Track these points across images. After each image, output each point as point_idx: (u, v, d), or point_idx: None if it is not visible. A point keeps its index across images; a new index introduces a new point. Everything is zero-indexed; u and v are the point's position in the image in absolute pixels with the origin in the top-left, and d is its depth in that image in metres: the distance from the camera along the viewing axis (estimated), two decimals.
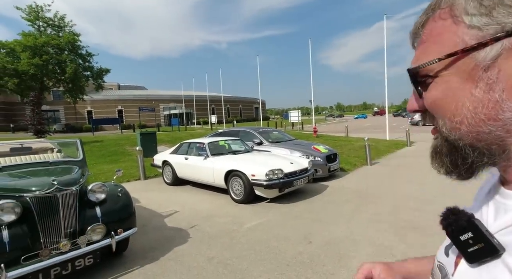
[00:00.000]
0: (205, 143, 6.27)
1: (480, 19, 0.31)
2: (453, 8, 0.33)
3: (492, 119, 0.31)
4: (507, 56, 0.30)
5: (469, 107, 0.33)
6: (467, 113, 0.33)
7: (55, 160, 3.67)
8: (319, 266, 2.92)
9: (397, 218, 4.11)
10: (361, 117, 65.24)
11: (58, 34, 22.23)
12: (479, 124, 0.32)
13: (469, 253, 0.36)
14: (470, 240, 0.36)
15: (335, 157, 7.16)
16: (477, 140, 0.33)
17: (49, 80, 22.31)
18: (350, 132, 18.85)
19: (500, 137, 0.32)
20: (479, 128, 0.32)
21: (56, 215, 2.54)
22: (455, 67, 0.33)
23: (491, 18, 0.30)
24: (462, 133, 0.34)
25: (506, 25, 0.29)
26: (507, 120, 0.31)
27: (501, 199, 0.36)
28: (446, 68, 0.34)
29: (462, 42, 0.32)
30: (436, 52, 0.35)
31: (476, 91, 0.32)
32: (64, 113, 42.27)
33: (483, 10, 0.31)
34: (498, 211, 0.36)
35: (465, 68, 0.32)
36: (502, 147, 0.32)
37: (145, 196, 5.94)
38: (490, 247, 0.33)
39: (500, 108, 0.31)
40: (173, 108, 47.09)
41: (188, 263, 3.09)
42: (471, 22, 0.31)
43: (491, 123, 0.32)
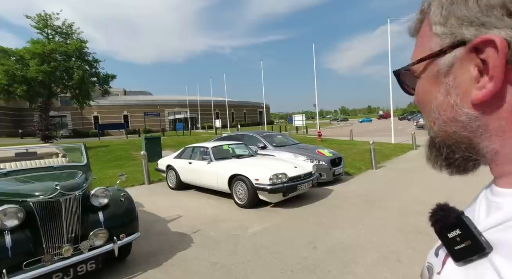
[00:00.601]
0: (208, 148, 6.27)
1: (440, 28, 0.33)
2: (428, 15, 0.36)
3: (453, 120, 0.34)
4: (460, 64, 0.32)
5: (435, 109, 0.36)
6: (435, 114, 0.36)
7: (60, 165, 3.70)
8: (324, 272, 2.86)
9: (404, 222, 4.02)
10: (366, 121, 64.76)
11: (66, 41, 22.71)
12: (444, 124, 0.35)
13: (455, 251, 0.35)
14: (457, 238, 0.35)
15: (339, 161, 7.08)
16: (446, 138, 0.36)
17: (56, 86, 22.73)
18: (355, 136, 18.71)
19: (466, 137, 0.34)
20: (445, 127, 0.35)
21: (58, 220, 2.54)
22: (427, 71, 0.36)
23: (447, 28, 0.32)
24: (436, 131, 0.37)
25: (458, 35, 0.31)
26: (465, 122, 0.33)
27: (492, 196, 0.36)
28: (423, 71, 0.37)
29: (430, 48, 0.35)
30: (417, 55, 0.38)
31: (438, 94, 0.35)
32: (71, 119, 42.89)
33: (442, 20, 0.33)
34: (489, 208, 0.35)
35: (432, 73, 0.35)
36: (471, 145, 0.34)
37: (149, 200, 5.94)
38: (477, 245, 0.32)
39: (455, 111, 0.33)
40: (178, 113, 47.41)
41: (191, 268, 3.05)
42: (435, 30, 0.34)
43: (453, 124, 0.34)
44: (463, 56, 0.31)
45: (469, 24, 0.30)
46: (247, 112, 61.61)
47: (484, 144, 0.33)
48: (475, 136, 0.33)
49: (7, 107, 34.19)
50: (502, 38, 0.28)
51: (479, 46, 0.30)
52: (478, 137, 0.33)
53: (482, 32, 0.29)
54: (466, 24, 0.31)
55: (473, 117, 0.32)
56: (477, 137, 0.33)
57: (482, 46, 0.29)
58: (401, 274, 2.74)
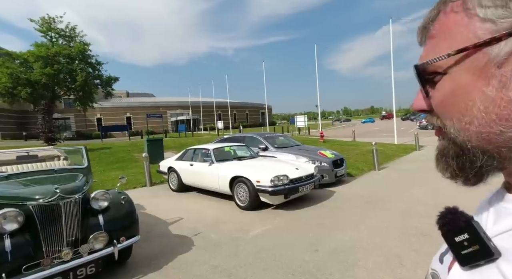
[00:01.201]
0: (210, 149, 6.26)
1: (495, 12, 0.29)
2: (466, 0, 0.31)
3: (504, 119, 0.29)
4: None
5: (479, 106, 0.31)
6: (477, 113, 0.31)
7: (60, 168, 3.70)
8: (326, 275, 2.82)
9: (407, 224, 3.97)
10: (369, 121, 64.52)
11: (69, 44, 22.88)
12: (490, 124, 0.30)
13: (462, 255, 0.34)
14: (465, 242, 0.34)
15: (341, 162, 7.04)
16: (487, 142, 0.31)
17: (60, 89, 22.89)
18: (358, 136, 18.62)
19: (511, 139, 0.30)
20: (489, 128, 0.30)
21: (58, 224, 2.53)
22: (466, 64, 0.31)
23: (507, 11, 0.28)
24: (471, 134, 0.32)
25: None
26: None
27: (504, 203, 0.35)
28: (456, 64, 0.32)
29: (474, 37, 0.30)
30: (446, 47, 0.33)
31: (488, 89, 0.30)
32: (74, 121, 43.19)
33: (498, 1, 0.29)
34: (499, 215, 0.35)
35: (477, 64, 0.30)
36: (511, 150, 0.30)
37: (151, 202, 5.94)
38: (485, 250, 0.32)
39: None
40: (180, 114, 47.55)
41: (192, 271, 3.03)
42: (485, 15, 0.29)
43: (503, 123, 0.29)
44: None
45: None
46: (249, 113, 61.62)
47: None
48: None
49: (11, 109, 34.51)
50: None
51: None
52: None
53: None
54: None
55: None
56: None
57: None
58: (404, 277, 2.70)
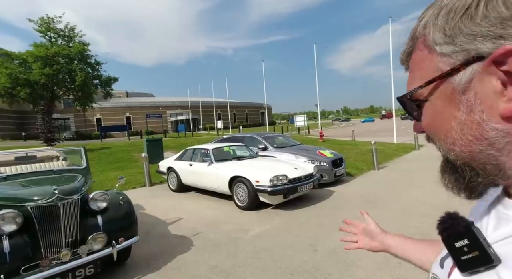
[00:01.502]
0: (209, 149, 6.26)
1: (447, 47, 0.32)
2: (426, 38, 0.35)
3: (479, 139, 0.32)
4: (479, 78, 0.31)
5: (456, 129, 0.34)
6: (456, 135, 0.34)
7: (59, 169, 3.70)
8: (325, 275, 2.83)
9: (406, 224, 3.97)
10: (368, 121, 64.55)
11: (68, 44, 22.85)
12: (469, 144, 0.33)
13: (462, 261, 0.35)
14: (465, 248, 0.35)
15: (341, 162, 7.04)
16: (471, 159, 0.34)
17: (59, 89, 22.87)
18: (357, 136, 18.63)
19: (493, 156, 0.32)
20: (470, 148, 0.33)
21: (57, 225, 2.53)
22: (437, 92, 0.35)
23: (457, 46, 0.32)
24: (457, 153, 0.35)
25: (471, 51, 0.31)
26: (493, 139, 0.31)
27: (504, 210, 0.35)
28: (431, 93, 0.36)
29: (438, 69, 0.34)
30: (419, 79, 0.37)
31: (459, 113, 0.33)
32: (74, 121, 43.16)
33: (447, 39, 0.32)
34: (500, 221, 0.35)
35: (445, 93, 0.34)
36: (497, 166, 0.32)
37: (150, 202, 5.94)
38: (485, 257, 0.32)
39: (483, 128, 0.31)
40: (180, 114, 47.54)
41: (191, 272, 3.04)
42: (441, 50, 0.33)
43: (479, 143, 0.32)
44: (482, 70, 0.30)
45: (483, 38, 0.30)
46: (249, 113, 61.61)
47: (511, 163, 0.31)
48: (501, 155, 0.31)
49: (10, 110, 34.47)
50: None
51: (500, 58, 0.29)
52: (505, 155, 0.31)
53: (500, 44, 0.29)
54: (479, 39, 0.30)
55: (502, 133, 0.30)
56: (504, 155, 0.31)
57: (503, 58, 0.29)
58: (402, 277, 2.70)
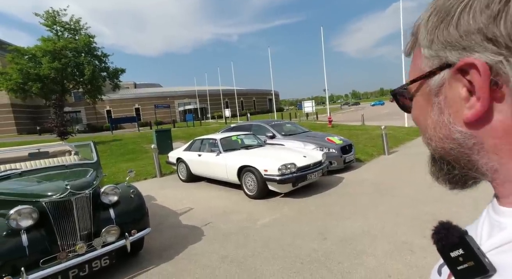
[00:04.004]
0: (217, 139, 6.27)
1: (427, 51, 0.34)
2: (418, 37, 0.37)
3: (448, 138, 0.34)
4: (449, 84, 0.33)
5: (431, 126, 0.37)
6: (431, 132, 0.37)
7: (71, 164, 3.79)
8: (334, 264, 2.84)
9: (417, 210, 3.92)
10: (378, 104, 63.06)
11: (75, 37, 22.93)
12: (442, 141, 0.36)
13: (458, 271, 0.35)
14: (460, 258, 0.35)
15: (350, 148, 6.94)
16: (445, 154, 0.37)
17: (69, 82, 23.21)
18: (367, 120, 18.28)
19: (464, 153, 0.34)
20: (443, 144, 0.36)
21: (71, 218, 2.61)
22: (420, 91, 0.37)
23: (433, 51, 0.34)
24: (433, 147, 0.38)
25: (443, 58, 0.33)
26: (460, 140, 0.33)
27: (495, 215, 0.36)
28: (417, 90, 0.38)
29: (420, 69, 0.36)
30: (412, 75, 0.39)
31: (432, 113, 0.36)
32: (85, 114, 43.97)
33: (427, 43, 0.34)
34: (492, 228, 0.35)
35: (424, 92, 0.36)
36: (471, 162, 0.34)
37: (161, 193, 6.07)
38: (480, 267, 0.32)
39: (449, 130, 0.34)
40: (188, 103, 47.59)
41: (202, 262, 3.11)
42: (424, 52, 0.35)
43: (449, 141, 0.35)
44: (451, 77, 0.32)
45: (451, 48, 0.32)
46: (256, 100, 61.11)
47: (483, 161, 0.33)
48: (472, 153, 0.33)
49: (24, 105, 35.39)
50: (483, 62, 0.29)
51: (464, 68, 0.30)
52: (476, 154, 0.33)
53: (464, 56, 0.31)
54: (449, 48, 0.32)
55: (467, 135, 0.33)
56: (475, 154, 0.33)
57: (466, 68, 0.30)
58: (414, 265, 2.68)
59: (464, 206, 3.71)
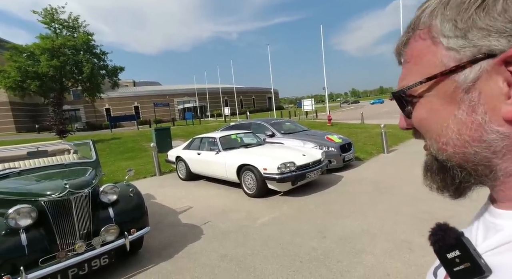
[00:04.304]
0: (216, 138, 6.26)
1: (457, 41, 0.30)
2: (431, 29, 0.33)
3: (477, 140, 0.31)
4: (486, 78, 0.29)
5: (453, 128, 0.33)
6: (452, 135, 0.33)
7: (70, 162, 3.78)
8: (334, 263, 2.84)
9: (416, 209, 3.93)
10: (378, 102, 63.04)
11: (73, 35, 22.82)
12: (465, 145, 0.32)
13: (454, 272, 0.35)
14: (456, 259, 0.35)
15: (349, 147, 6.94)
16: (464, 160, 0.33)
17: (67, 80, 23.12)
18: (366, 118, 18.28)
19: (486, 158, 0.31)
20: (465, 149, 0.32)
21: (70, 218, 2.61)
22: (437, 89, 0.33)
23: (467, 41, 0.30)
24: (449, 154, 0.34)
25: (482, 47, 0.29)
26: (492, 142, 0.30)
27: (491, 217, 0.35)
28: (429, 90, 0.34)
29: (441, 64, 0.32)
30: (418, 73, 0.35)
31: (459, 113, 0.32)
32: (84, 112, 43.87)
33: (458, 32, 0.30)
34: (488, 230, 0.35)
35: (446, 90, 0.32)
36: (489, 168, 0.32)
37: (161, 192, 6.07)
38: (476, 268, 0.32)
39: (483, 130, 0.30)
40: (187, 102, 47.51)
41: (201, 260, 3.11)
42: (448, 44, 0.31)
43: (476, 144, 0.31)
44: (491, 69, 0.29)
45: (498, 35, 0.28)
46: (256, 98, 61.06)
47: (503, 165, 0.31)
48: (496, 157, 0.31)
49: (23, 103, 35.24)
50: None
51: (511, 58, 0.27)
52: (499, 158, 0.30)
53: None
54: (494, 35, 0.28)
55: (503, 136, 0.29)
56: (499, 158, 0.30)
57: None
58: (412, 264, 2.69)
59: (463, 205, 3.70)
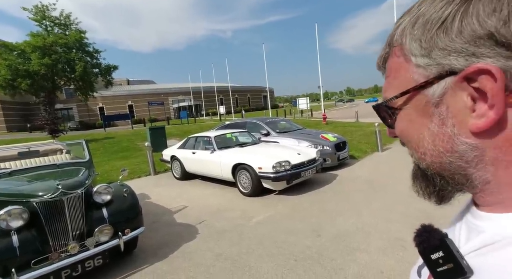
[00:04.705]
0: (211, 137, 6.24)
1: (423, 60, 0.32)
2: (403, 47, 0.35)
3: (449, 151, 0.33)
4: (451, 93, 0.31)
5: (428, 140, 0.35)
6: (428, 146, 0.35)
7: (63, 162, 3.72)
8: (328, 261, 2.87)
9: (410, 207, 3.97)
10: (372, 101, 63.45)
11: (65, 32, 22.42)
12: (440, 155, 0.34)
13: (438, 272, 0.36)
14: (440, 260, 0.36)
15: (344, 145, 6.99)
16: (441, 169, 0.35)
17: (59, 79, 22.74)
18: (361, 117, 18.42)
19: (461, 167, 0.33)
20: (440, 159, 0.34)
21: (63, 219, 2.58)
22: (412, 103, 0.35)
23: (431, 59, 0.32)
24: (428, 163, 0.36)
25: (445, 66, 0.31)
26: (463, 152, 0.32)
27: (473, 219, 0.37)
28: (406, 103, 0.36)
29: (413, 80, 0.34)
30: (396, 87, 0.37)
31: (431, 125, 0.34)
32: (77, 111, 43.28)
33: (423, 51, 0.32)
34: (471, 231, 0.36)
35: (419, 104, 0.34)
36: (465, 176, 0.33)
37: (156, 191, 6.03)
38: (459, 269, 0.33)
39: (453, 142, 0.32)
40: (182, 100, 47.26)
41: (197, 260, 3.11)
42: (417, 61, 0.33)
43: (450, 155, 0.33)
44: (454, 86, 0.31)
45: (456, 54, 0.30)
46: (251, 97, 60.99)
47: (477, 174, 0.32)
48: (469, 166, 0.32)
49: (14, 102, 34.64)
50: (497, 67, 0.27)
51: (472, 75, 0.29)
52: (473, 167, 0.32)
53: (473, 62, 0.29)
54: (453, 54, 0.30)
55: (471, 147, 0.31)
56: (472, 167, 0.32)
57: (475, 76, 0.29)
58: (406, 261, 2.73)
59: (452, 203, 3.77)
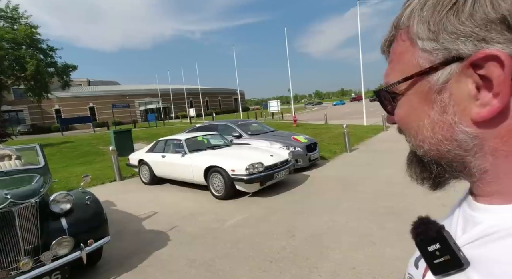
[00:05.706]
0: (182, 140, 6.04)
1: (430, 44, 0.31)
2: (409, 30, 0.34)
3: (449, 139, 0.32)
4: (456, 80, 0.30)
5: (428, 127, 0.34)
6: (427, 133, 0.34)
7: (12, 169, 3.33)
8: (303, 260, 2.90)
9: (377, 205, 4.19)
10: (340, 104, 66.53)
11: (13, 26, 20.30)
12: (438, 143, 0.34)
13: (435, 264, 0.36)
14: (437, 252, 0.36)
15: (315, 147, 7.20)
16: (439, 157, 0.35)
17: (7, 78, 20.49)
18: (330, 119, 19.17)
19: (459, 156, 0.33)
20: (438, 147, 0.34)
21: (13, 232, 2.29)
22: (414, 89, 0.35)
23: (438, 43, 0.31)
24: (425, 150, 0.36)
25: (452, 50, 0.30)
26: (462, 141, 0.32)
27: (470, 210, 0.36)
28: (409, 88, 0.35)
29: (417, 65, 0.33)
30: (399, 72, 0.36)
31: (432, 112, 0.33)
32: (28, 113, 39.32)
33: (431, 35, 0.31)
34: (467, 223, 0.36)
35: (422, 90, 0.34)
36: (463, 164, 0.33)
37: (122, 198, 5.67)
38: (455, 260, 0.33)
39: (453, 130, 0.32)
40: (149, 103, 45.35)
41: (169, 267, 2.96)
42: (423, 45, 0.32)
43: (449, 143, 0.33)
44: (460, 72, 0.30)
45: (465, 39, 0.29)
46: (222, 100, 60.54)
47: (476, 162, 0.32)
48: (468, 155, 0.32)
49: None
50: (507, 54, 0.26)
51: (479, 61, 0.28)
52: (472, 156, 0.32)
53: (482, 47, 0.28)
54: (462, 39, 0.29)
55: (472, 136, 0.31)
56: (471, 156, 0.32)
57: (482, 62, 0.28)
58: (375, 256, 2.85)
59: (418, 198, 4.05)
